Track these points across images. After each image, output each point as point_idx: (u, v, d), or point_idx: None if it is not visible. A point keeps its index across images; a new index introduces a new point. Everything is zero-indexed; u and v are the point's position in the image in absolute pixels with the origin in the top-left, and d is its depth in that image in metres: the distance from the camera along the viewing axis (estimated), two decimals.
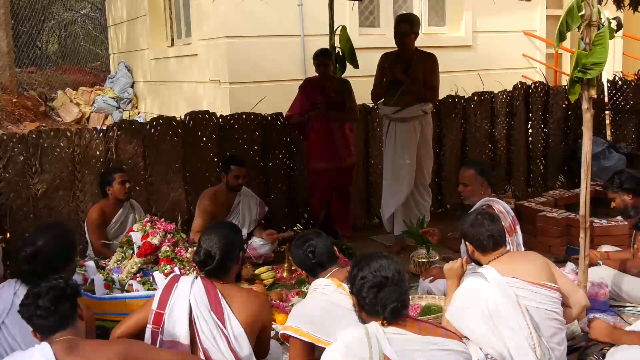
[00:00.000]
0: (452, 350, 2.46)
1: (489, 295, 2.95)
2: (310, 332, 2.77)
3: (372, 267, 2.50)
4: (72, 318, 2.43)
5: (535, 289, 3.00)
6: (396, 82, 5.30)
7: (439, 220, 6.12)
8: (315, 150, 5.61)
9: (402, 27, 5.29)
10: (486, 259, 3.15)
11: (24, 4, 15.00)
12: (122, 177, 4.80)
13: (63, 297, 2.41)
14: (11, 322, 2.84)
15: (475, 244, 3.19)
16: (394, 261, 2.56)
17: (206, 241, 2.85)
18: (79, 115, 11.85)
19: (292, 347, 2.85)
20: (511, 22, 9.37)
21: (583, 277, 3.70)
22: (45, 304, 2.37)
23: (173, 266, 4.13)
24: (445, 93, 6.66)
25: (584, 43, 3.41)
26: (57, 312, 2.38)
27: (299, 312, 2.92)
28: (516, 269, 3.05)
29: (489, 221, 3.18)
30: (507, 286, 2.96)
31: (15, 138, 4.98)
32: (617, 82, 7.98)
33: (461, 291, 3.08)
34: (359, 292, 2.50)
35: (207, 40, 8.16)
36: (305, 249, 3.05)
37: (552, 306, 3.02)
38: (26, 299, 2.44)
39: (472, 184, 4.32)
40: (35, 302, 2.39)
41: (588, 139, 3.56)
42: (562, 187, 7.36)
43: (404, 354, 2.37)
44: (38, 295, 2.40)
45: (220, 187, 5.27)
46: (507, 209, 4.20)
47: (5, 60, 11.77)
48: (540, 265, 3.14)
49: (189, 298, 2.77)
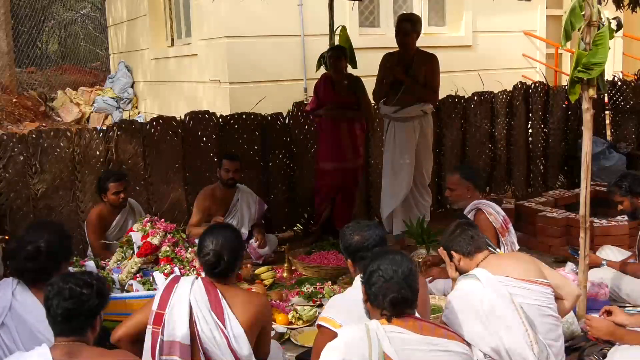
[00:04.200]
0: (452, 351, 2.46)
1: (483, 296, 2.95)
2: (344, 324, 2.74)
3: (385, 259, 2.53)
4: (82, 331, 2.38)
5: (527, 285, 3.01)
6: (397, 82, 5.31)
7: (439, 220, 6.12)
8: (324, 150, 5.65)
9: (404, 26, 5.30)
10: (473, 262, 3.16)
11: (24, 4, 15.00)
12: (116, 187, 4.69)
13: (80, 312, 2.35)
14: (10, 322, 2.84)
15: (460, 251, 3.20)
16: (410, 260, 2.57)
17: (213, 243, 2.83)
18: (79, 115, 11.85)
19: (319, 336, 2.82)
20: (511, 22, 9.37)
21: (583, 277, 3.71)
22: (56, 311, 2.32)
23: (173, 266, 4.13)
24: (445, 93, 6.66)
25: (584, 43, 3.42)
26: (67, 322, 2.33)
27: (337, 304, 2.90)
28: (505, 268, 3.06)
29: (469, 226, 3.26)
30: (500, 285, 2.97)
31: (15, 138, 4.98)
32: (617, 82, 7.98)
33: (455, 293, 3.08)
34: (368, 280, 2.52)
35: (207, 40, 8.16)
36: (367, 241, 2.97)
37: (546, 302, 3.03)
38: (50, 290, 2.35)
39: (458, 189, 4.40)
40: (53, 301, 2.33)
41: (588, 139, 3.56)
42: (562, 187, 7.36)
43: (404, 354, 2.37)
44: (60, 295, 2.33)
45: (217, 184, 5.29)
46: (497, 209, 4.24)
47: (5, 60, 11.78)
48: (527, 262, 3.15)
49: (189, 298, 2.77)
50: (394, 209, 5.48)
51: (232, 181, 5.22)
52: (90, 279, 2.43)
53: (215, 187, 5.28)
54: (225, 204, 5.27)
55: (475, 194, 4.39)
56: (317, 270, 4.89)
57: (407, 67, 5.31)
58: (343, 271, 4.76)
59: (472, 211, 4.30)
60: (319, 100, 5.63)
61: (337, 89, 5.55)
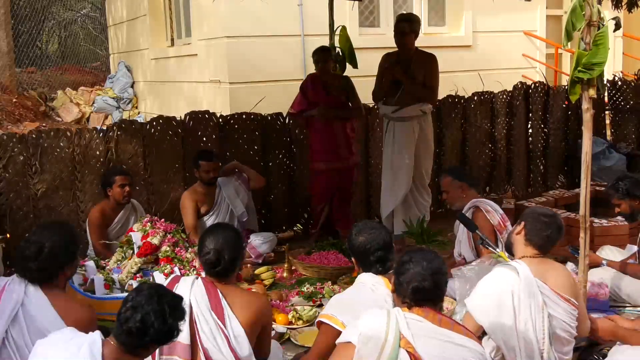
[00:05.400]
0: (467, 347, 2.45)
1: (516, 291, 2.93)
2: (345, 322, 2.75)
3: (419, 254, 2.56)
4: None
5: (558, 300, 2.98)
6: (396, 82, 5.31)
7: (439, 220, 6.12)
8: (317, 150, 5.62)
9: (402, 26, 5.30)
10: (525, 252, 3.12)
11: (24, 4, 15.00)
12: (122, 180, 4.78)
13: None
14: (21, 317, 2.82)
15: (528, 232, 3.14)
16: (443, 262, 2.59)
17: (213, 242, 2.83)
18: (79, 115, 11.85)
19: (320, 334, 2.84)
20: (511, 22, 9.37)
21: (583, 277, 3.70)
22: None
23: (173, 266, 4.14)
24: (445, 93, 6.66)
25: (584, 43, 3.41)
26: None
27: (339, 302, 2.91)
28: (544, 274, 3.02)
29: (557, 229, 3.18)
30: (536, 288, 2.94)
31: (15, 138, 4.98)
32: (617, 82, 7.99)
33: (488, 278, 3.06)
34: (398, 270, 2.56)
35: (207, 40, 8.16)
36: (374, 253, 2.97)
37: (569, 320, 3.00)
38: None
39: (451, 190, 4.46)
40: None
41: (588, 139, 3.56)
42: (562, 187, 7.36)
43: (419, 340, 2.38)
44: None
45: (197, 184, 5.27)
46: (494, 207, 4.27)
47: (5, 60, 11.78)
48: (567, 277, 3.11)
49: (190, 298, 2.77)
50: (393, 208, 5.48)
51: (214, 180, 5.23)
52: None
53: (196, 187, 5.26)
54: (211, 199, 5.28)
55: (470, 193, 4.41)
56: (317, 270, 4.89)
57: (406, 67, 5.31)
58: (343, 271, 4.76)
59: (471, 210, 4.31)
60: (309, 101, 5.59)
61: (327, 89, 5.54)
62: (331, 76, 5.59)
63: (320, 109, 5.46)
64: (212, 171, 5.18)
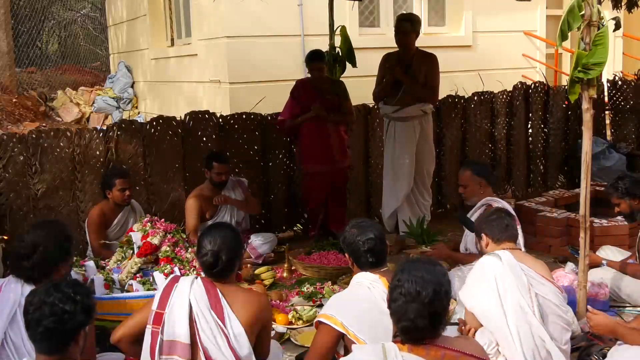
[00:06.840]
0: None
1: (499, 275, 3.01)
2: (345, 322, 2.75)
3: (414, 273, 2.26)
4: (65, 347, 2.21)
5: (543, 281, 3.09)
6: (397, 82, 5.31)
7: (439, 220, 6.13)
8: (310, 153, 5.59)
9: (403, 25, 5.30)
10: (500, 248, 3.21)
11: (24, 4, 15.00)
12: (122, 184, 4.76)
13: (61, 331, 2.17)
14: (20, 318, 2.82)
15: (491, 235, 3.27)
16: (444, 275, 2.31)
17: (211, 243, 2.83)
18: (79, 115, 11.84)
19: (319, 333, 2.83)
20: (511, 22, 9.37)
21: (583, 277, 3.70)
22: (35, 329, 2.16)
23: (173, 266, 4.13)
24: (445, 93, 6.66)
25: (584, 43, 3.41)
26: (47, 340, 2.17)
27: (337, 302, 2.90)
28: (527, 262, 3.15)
29: (507, 215, 3.36)
30: (520, 270, 3.04)
31: (15, 138, 4.98)
32: (617, 82, 7.99)
33: (475, 267, 3.16)
34: (391, 294, 2.31)
35: (207, 40, 8.16)
36: (364, 242, 2.95)
37: (558, 301, 3.08)
38: (30, 302, 2.21)
39: (471, 185, 4.39)
40: (33, 316, 2.17)
41: (588, 139, 3.56)
42: (562, 187, 7.36)
43: None
44: (40, 310, 2.17)
45: (205, 185, 5.26)
46: (505, 206, 4.24)
47: (5, 60, 11.78)
48: (542, 265, 3.25)
49: (189, 297, 2.77)
50: (395, 208, 5.48)
51: (224, 183, 5.23)
52: (76, 292, 2.23)
53: (203, 188, 5.25)
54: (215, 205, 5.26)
55: (487, 190, 4.40)
56: (317, 270, 4.89)
57: (406, 67, 5.30)
58: (343, 271, 4.76)
59: (483, 207, 4.29)
60: (301, 105, 5.55)
61: (321, 92, 5.54)
62: (322, 80, 5.59)
63: (315, 108, 5.45)
64: (224, 174, 5.18)
